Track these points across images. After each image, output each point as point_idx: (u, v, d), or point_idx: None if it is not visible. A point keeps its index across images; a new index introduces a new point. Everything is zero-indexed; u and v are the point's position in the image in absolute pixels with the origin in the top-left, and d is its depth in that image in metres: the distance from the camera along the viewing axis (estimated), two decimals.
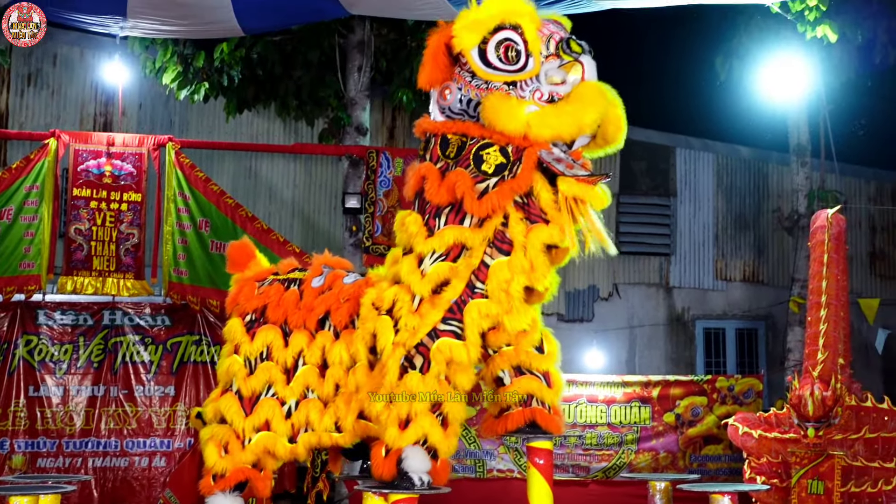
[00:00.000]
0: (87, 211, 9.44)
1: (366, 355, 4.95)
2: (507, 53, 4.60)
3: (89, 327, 9.54)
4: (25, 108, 12.15)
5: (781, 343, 12.30)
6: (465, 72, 4.70)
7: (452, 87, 4.72)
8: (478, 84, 4.66)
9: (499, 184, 4.57)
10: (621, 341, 13.16)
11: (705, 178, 13.71)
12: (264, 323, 5.32)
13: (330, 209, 12.58)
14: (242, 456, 5.20)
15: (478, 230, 4.62)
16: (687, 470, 10.24)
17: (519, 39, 4.61)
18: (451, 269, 4.64)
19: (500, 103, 4.54)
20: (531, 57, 4.60)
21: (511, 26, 4.63)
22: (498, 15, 4.64)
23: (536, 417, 4.94)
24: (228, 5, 8.18)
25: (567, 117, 4.50)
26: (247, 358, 5.31)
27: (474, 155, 4.63)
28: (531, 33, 4.62)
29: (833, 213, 8.77)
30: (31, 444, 9.27)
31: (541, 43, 4.63)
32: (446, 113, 4.77)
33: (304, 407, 5.16)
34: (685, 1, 7.22)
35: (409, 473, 4.65)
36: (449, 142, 4.71)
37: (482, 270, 4.64)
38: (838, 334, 8.31)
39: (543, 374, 4.94)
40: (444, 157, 4.72)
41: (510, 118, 4.51)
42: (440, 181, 4.66)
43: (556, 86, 4.60)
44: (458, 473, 10.13)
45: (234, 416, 5.25)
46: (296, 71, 10.95)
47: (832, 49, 10.87)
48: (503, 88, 4.61)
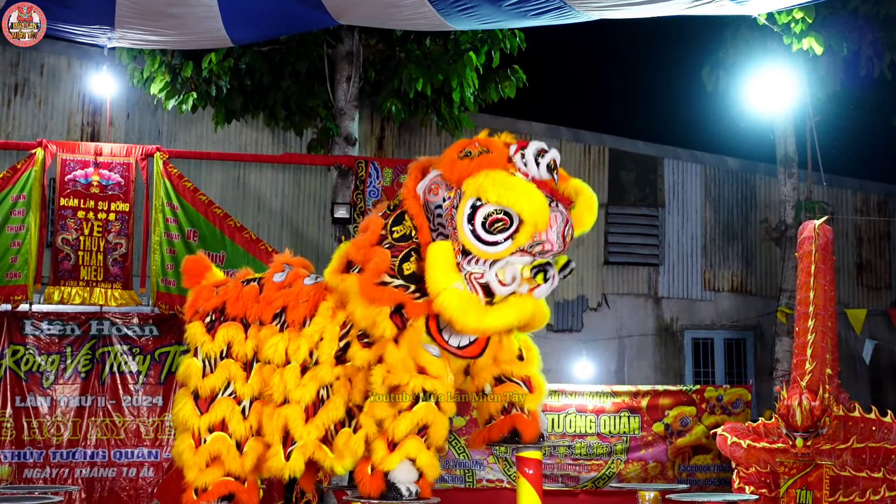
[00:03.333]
0: (74, 221, 9.41)
1: (304, 356, 5.03)
2: (494, 224, 4.68)
3: (77, 337, 9.49)
4: (12, 118, 12.12)
5: (769, 353, 12.33)
6: (458, 197, 4.77)
7: (442, 192, 4.85)
8: (453, 216, 4.77)
9: (399, 289, 4.79)
10: (610, 351, 13.17)
11: (693, 189, 13.75)
12: (225, 321, 5.33)
13: (319, 219, 12.57)
14: (199, 458, 5.17)
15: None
16: (676, 480, 10.25)
17: (515, 223, 4.67)
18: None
19: (439, 259, 4.73)
20: (509, 242, 4.69)
21: (514, 216, 4.67)
22: (517, 200, 4.65)
23: (516, 424, 4.99)
24: (217, 16, 8.16)
25: (470, 317, 4.68)
26: (206, 357, 5.30)
27: (405, 253, 4.84)
28: (527, 231, 4.67)
29: (820, 224, 8.81)
30: (18, 455, 9.21)
31: (528, 241, 4.70)
32: (425, 197, 4.91)
33: (257, 407, 5.18)
34: (672, 12, 7.23)
35: (397, 484, 4.67)
36: (402, 223, 4.90)
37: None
38: (826, 344, 8.34)
39: (524, 380, 4.99)
40: (390, 230, 4.91)
41: (433, 280, 4.70)
42: (370, 246, 4.92)
43: (500, 284, 4.75)
44: (448, 483, 10.12)
45: (189, 415, 5.24)
46: (284, 81, 10.95)
47: (818, 61, 10.94)
48: (456, 247, 4.75)
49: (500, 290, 4.75)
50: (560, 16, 7.41)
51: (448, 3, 7.52)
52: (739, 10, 7.32)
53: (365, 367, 4.88)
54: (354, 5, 8.21)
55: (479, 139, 4.94)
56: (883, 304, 13.87)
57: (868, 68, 11.29)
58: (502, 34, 10.60)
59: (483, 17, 7.76)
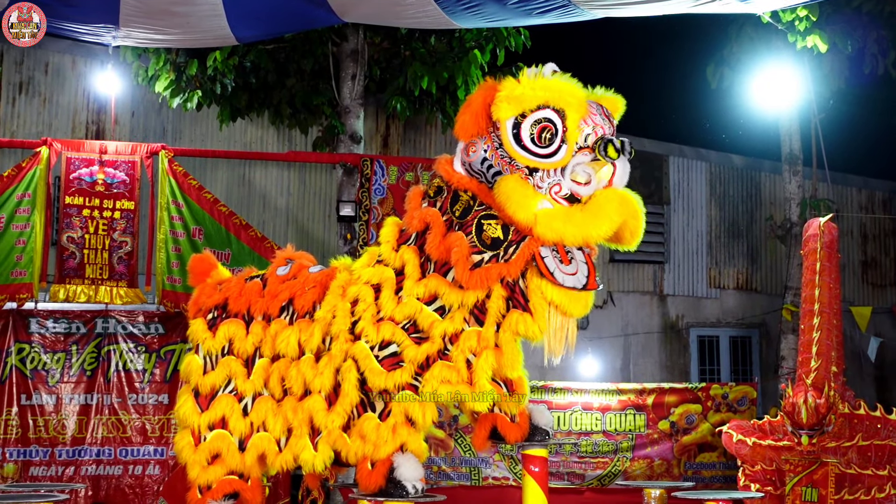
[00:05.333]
0: (79, 219, 9.42)
1: (317, 343, 4.93)
2: (542, 134, 4.52)
3: (82, 335, 9.51)
4: (17, 117, 12.13)
5: (775, 351, 12.32)
6: (495, 136, 4.62)
7: (479, 145, 4.65)
8: (502, 155, 4.59)
9: (492, 261, 4.56)
10: (616, 349, 13.17)
11: (698, 187, 13.74)
12: (227, 317, 5.29)
13: (324, 217, 12.58)
14: (199, 456, 5.13)
15: (456, 290, 4.63)
16: (682, 477, 10.26)
17: (559, 124, 4.52)
18: (432, 322, 4.66)
19: (515, 189, 4.49)
20: (564, 145, 4.52)
21: (555, 108, 4.53)
22: (545, 94, 4.55)
23: (497, 424, 4.97)
24: (222, 14, 8.16)
25: (574, 227, 4.44)
26: (207, 354, 5.27)
27: (477, 222, 4.61)
28: (573, 122, 4.53)
29: (825, 222, 8.80)
30: (24, 453, 9.23)
31: (579, 134, 4.55)
32: (466, 167, 4.73)
33: (260, 405, 5.10)
34: (677, 10, 7.23)
35: (403, 482, 4.65)
36: (459, 199, 4.69)
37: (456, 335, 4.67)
38: (831, 342, 8.33)
39: (505, 382, 4.93)
40: (451, 211, 4.70)
41: (520, 208, 4.47)
42: (442, 237, 4.66)
43: (579, 185, 4.56)
44: (454, 481, 10.13)
45: (189, 413, 5.21)
46: (289, 79, 10.95)
47: (823, 59, 10.93)
48: (524, 171, 4.55)
49: (583, 191, 4.55)
50: (565, 14, 7.41)
51: (453, 1, 7.52)
52: (744, 8, 7.31)
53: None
54: (359, 3, 8.21)
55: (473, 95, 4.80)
56: (888, 302, 13.87)
57: (872, 66, 11.27)
58: (507, 32, 10.60)
59: (488, 15, 7.76)
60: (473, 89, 4.91)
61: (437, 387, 4.60)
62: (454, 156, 4.84)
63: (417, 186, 4.98)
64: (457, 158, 4.80)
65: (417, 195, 4.91)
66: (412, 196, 4.93)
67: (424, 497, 4.70)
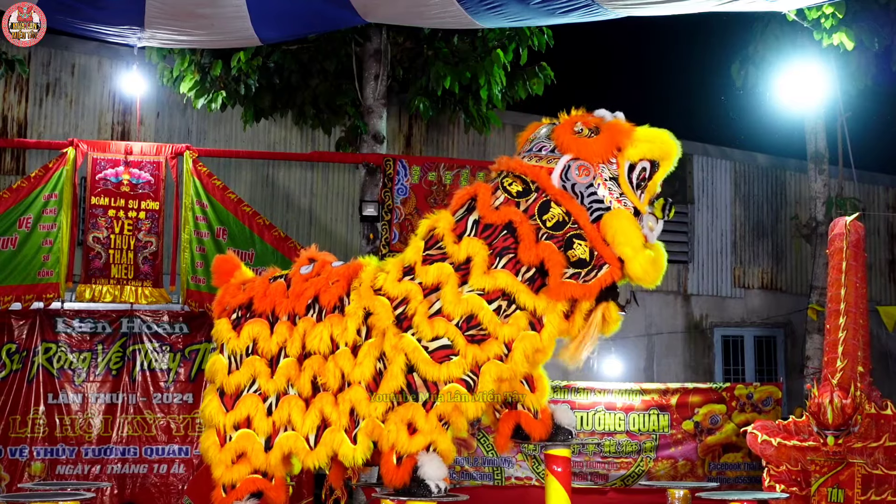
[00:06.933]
0: (105, 219, 9.49)
1: (353, 336, 4.96)
2: (641, 182, 4.88)
3: (108, 335, 9.58)
4: (44, 118, 12.23)
5: (800, 351, 12.24)
6: (611, 169, 4.85)
7: (592, 171, 4.85)
8: (611, 188, 4.83)
9: (573, 278, 4.74)
10: (639, 349, 13.12)
11: (723, 186, 13.68)
12: (251, 317, 5.31)
13: (347, 217, 12.61)
14: (224, 455, 5.16)
15: (531, 294, 4.79)
16: (706, 478, 10.21)
17: (650, 174, 4.89)
18: (496, 324, 4.78)
19: (629, 226, 4.75)
20: (644, 194, 4.90)
21: (656, 163, 4.90)
22: (662, 148, 4.90)
23: (521, 421, 4.99)
24: (245, 15, 8.20)
25: (656, 273, 4.82)
26: (232, 354, 5.28)
27: (567, 239, 4.76)
28: (660, 176, 4.93)
29: (851, 221, 8.73)
30: (51, 452, 9.31)
31: (658, 188, 4.94)
32: (565, 183, 4.85)
33: (286, 404, 5.11)
34: (701, 9, 7.19)
35: (427, 481, 4.65)
36: (550, 209, 4.81)
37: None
38: (857, 342, 8.26)
39: (526, 379, 4.96)
40: (539, 219, 4.80)
41: (629, 243, 4.73)
42: (535, 243, 4.78)
43: (650, 231, 4.89)
44: (477, 481, 10.13)
45: (215, 412, 5.23)
46: (313, 79, 10.99)
47: (849, 56, 10.85)
48: (630, 209, 4.82)
49: (651, 238, 4.90)
50: (588, 13, 7.39)
51: (476, 1, 7.52)
52: (769, 7, 7.28)
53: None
54: (382, 4, 8.23)
55: (577, 117, 5.06)
56: None
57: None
58: (530, 31, 10.58)
59: (511, 15, 7.75)
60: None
61: (492, 383, 4.72)
62: (518, 156, 5.00)
63: (481, 182, 5.07)
64: (556, 172, 4.87)
65: (487, 188, 4.96)
66: (482, 189, 4.97)
67: (447, 497, 4.71)
